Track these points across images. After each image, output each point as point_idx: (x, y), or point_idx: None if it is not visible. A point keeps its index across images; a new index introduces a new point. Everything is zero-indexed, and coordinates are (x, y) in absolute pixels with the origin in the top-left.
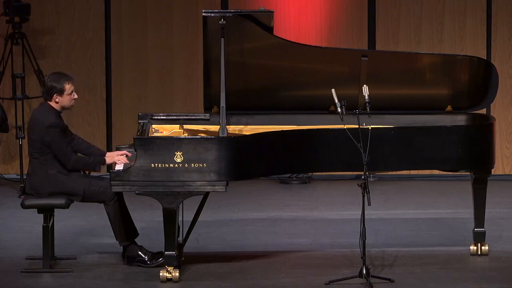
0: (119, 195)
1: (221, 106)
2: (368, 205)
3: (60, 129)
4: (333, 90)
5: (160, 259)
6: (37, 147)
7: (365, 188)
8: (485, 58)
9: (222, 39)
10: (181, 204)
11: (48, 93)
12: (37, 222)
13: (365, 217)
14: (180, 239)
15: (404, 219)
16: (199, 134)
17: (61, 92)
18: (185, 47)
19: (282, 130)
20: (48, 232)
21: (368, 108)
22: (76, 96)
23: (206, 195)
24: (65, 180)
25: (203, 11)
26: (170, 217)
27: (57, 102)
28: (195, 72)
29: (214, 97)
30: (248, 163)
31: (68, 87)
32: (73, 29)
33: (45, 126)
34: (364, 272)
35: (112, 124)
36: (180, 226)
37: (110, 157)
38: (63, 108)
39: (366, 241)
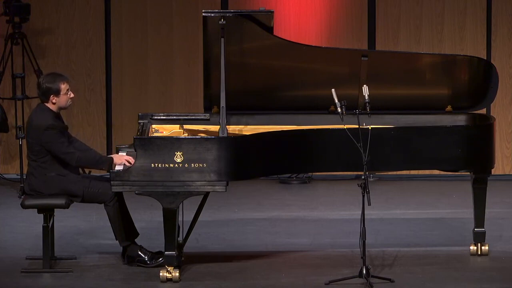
0: (119, 195)
1: (221, 106)
2: (368, 205)
3: (58, 130)
4: (333, 90)
5: (160, 259)
6: (35, 150)
7: (365, 188)
8: (485, 58)
9: (222, 39)
10: (181, 204)
11: (44, 94)
12: (37, 222)
13: (365, 217)
14: (180, 239)
15: (404, 219)
16: (199, 134)
17: (57, 92)
18: (185, 47)
19: (282, 130)
20: (48, 232)
21: (368, 108)
22: (72, 95)
23: (206, 195)
24: (64, 182)
25: (203, 11)
26: (170, 217)
27: (54, 103)
28: (195, 72)
29: (214, 97)
30: (248, 163)
31: (63, 87)
32: (73, 29)
33: (43, 129)
34: (364, 272)
35: (112, 124)
36: (180, 226)
37: (118, 157)
38: (60, 108)
39: (366, 241)
